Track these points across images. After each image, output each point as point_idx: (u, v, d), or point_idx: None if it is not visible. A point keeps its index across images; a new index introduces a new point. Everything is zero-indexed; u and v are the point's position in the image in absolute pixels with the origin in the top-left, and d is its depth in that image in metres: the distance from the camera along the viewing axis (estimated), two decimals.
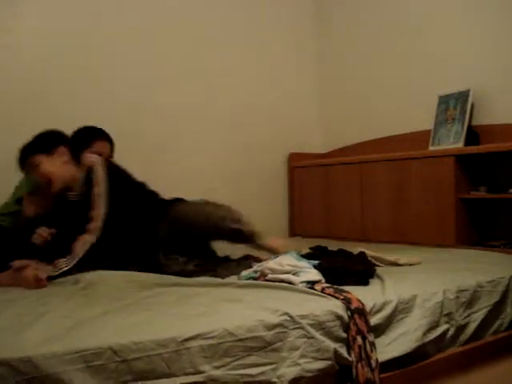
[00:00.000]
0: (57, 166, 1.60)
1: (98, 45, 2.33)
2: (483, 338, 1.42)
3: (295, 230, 2.80)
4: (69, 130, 2.22)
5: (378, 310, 1.19)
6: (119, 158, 2.33)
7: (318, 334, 1.08)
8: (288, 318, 1.06)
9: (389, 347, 1.18)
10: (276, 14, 2.90)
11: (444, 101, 2.29)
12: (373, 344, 1.12)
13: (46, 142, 1.65)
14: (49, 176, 1.59)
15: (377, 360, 1.11)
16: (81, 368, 0.84)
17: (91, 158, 1.67)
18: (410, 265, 1.64)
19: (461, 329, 1.35)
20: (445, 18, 2.37)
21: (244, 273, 1.40)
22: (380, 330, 1.19)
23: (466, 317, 1.37)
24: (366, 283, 1.33)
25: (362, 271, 1.37)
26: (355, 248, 1.69)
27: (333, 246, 1.80)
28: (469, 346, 1.37)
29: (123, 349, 0.88)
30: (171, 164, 2.48)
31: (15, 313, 1.07)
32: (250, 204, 2.48)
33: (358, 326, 1.11)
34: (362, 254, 1.62)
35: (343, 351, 1.11)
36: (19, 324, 0.97)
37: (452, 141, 2.18)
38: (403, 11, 2.57)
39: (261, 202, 2.71)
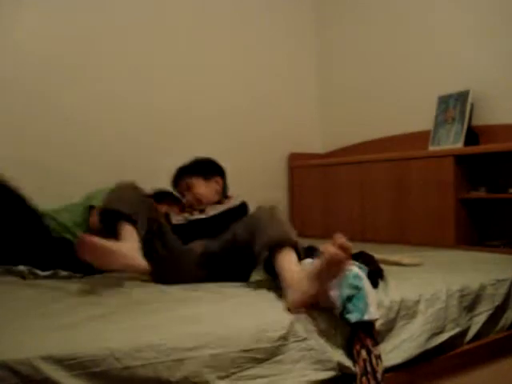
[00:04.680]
0: (210, 192, 1.77)
1: (98, 45, 2.32)
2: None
3: (294, 230, 2.80)
4: (69, 129, 2.25)
5: (381, 316, 1.18)
6: (119, 156, 2.34)
7: (321, 346, 1.08)
8: (290, 330, 1.05)
9: (391, 354, 1.17)
10: (276, 13, 2.89)
11: (444, 101, 2.29)
12: (379, 357, 1.11)
13: (206, 168, 1.81)
14: (200, 198, 1.74)
15: (383, 372, 1.10)
16: (81, 374, 0.84)
17: None
18: (413, 265, 1.64)
19: (463, 332, 1.35)
20: (444, 18, 2.37)
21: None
22: (382, 336, 1.18)
23: (468, 320, 1.37)
24: (375, 285, 1.29)
25: (374, 271, 1.34)
26: (355, 249, 1.67)
27: None
28: (470, 346, 1.37)
29: (125, 356, 0.87)
30: (170, 164, 2.48)
31: (15, 313, 1.06)
32: (249, 204, 2.49)
33: (363, 341, 1.11)
34: (365, 254, 1.59)
35: (347, 361, 1.10)
36: (19, 325, 0.97)
37: (452, 141, 2.18)
38: (403, 11, 2.56)
39: (260, 202, 2.70)
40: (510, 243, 1.99)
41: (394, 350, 1.19)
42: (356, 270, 1.21)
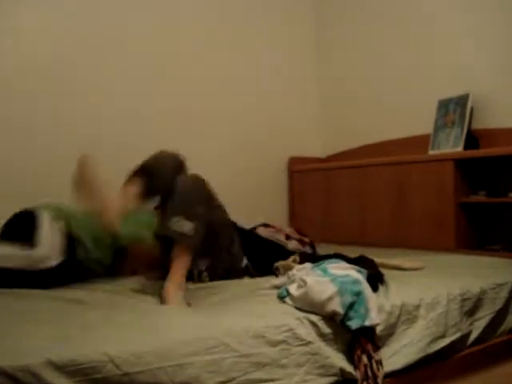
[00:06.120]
0: None
1: (98, 45, 2.31)
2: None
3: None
4: (69, 129, 2.24)
5: (382, 321, 1.18)
6: (117, 160, 2.34)
7: (322, 351, 1.07)
8: (291, 335, 1.05)
9: (391, 359, 1.17)
10: (276, 13, 2.89)
11: (443, 105, 2.29)
12: (380, 362, 1.11)
13: None
14: None
15: (383, 377, 1.10)
16: (80, 381, 0.83)
17: None
18: (414, 269, 1.63)
19: (464, 337, 1.34)
20: (444, 21, 2.37)
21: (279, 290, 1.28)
22: (382, 341, 1.18)
23: (469, 325, 1.37)
24: (375, 289, 1.29)
25: (374, 275, 1.34)
26: (355, 253, 1.67)
27: (332, 250, 1.79)
28: (470, 350, 1.37)
29: (124, 362, 0.87)
30: None
31: (14, 321, 1.05)
32: (249, 208, 2.49)
33: (364, 346, 1.10)
34: (366, 258, 1.58)
35: (348, 367, 1.10)
36: (18, 332, 0.96)
37: (451, 145, 2.18)
38: (403, 14, 2.56)
39: (260, 207, 2.70)
40: (510, 247, 1.99)
41: (395, 355, 1.18)
42: (355, 275, 1.21)
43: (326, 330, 1.11)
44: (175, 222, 1.36)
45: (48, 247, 1.42)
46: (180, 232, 1.35)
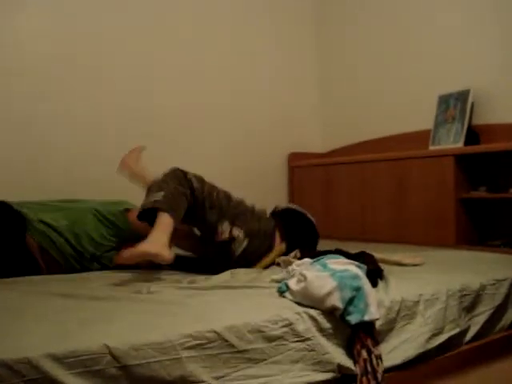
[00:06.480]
0: None
1: (98, 45, 2.32)
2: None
3: None
4: (69, 128, 2.25)
5: (381, 316, 1.18)
6: (118, 158, 2.34)
7: (322, 346, 1.07)
8: (289, 330, 1.05)
9: (391, 354, 1.17)
10: (276, 13, 2.90)
11: (444, 100, 2.29)
12: (379, 357, 1.10)
13: None
14: None
15: (383, 372, 1.09)
16: (79, 372, 0.84)
17: None
18: (414, 265, 1.64)
19: (462, 333, 1.34)
20: (445, 17, 2.37)
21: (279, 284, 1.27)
22: (382, 336, 1.18)
23: (468, 320, 1.37)
24: (375, 285, 1.28)
25: (373, 271, 1.34)
26: (355, 248, 1.67)
27: (333, 246, 1.79)
28: (469, 346, 1.37)
29: (124, 354, 0.87)
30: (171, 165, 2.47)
31: (13, 314, 1.06)
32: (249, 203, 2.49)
33: (363, 341, 1.10)
34: (366, 254, 1.58)
35: (347, 362, 1.10)
36: (20, 325, 0.97)
37: (452, 140, 2.18)
38: (403, 11, 2.56)
39: (260, 202, 2.68)
40: (510, 243, 1.98)
41: (394, 351, 1.18)
42: (355, 270, 1.21)
43: (326, 324, 1.11)
44: (147, 198, 1.55)
45: None
46: (151, 201, 1.52)
